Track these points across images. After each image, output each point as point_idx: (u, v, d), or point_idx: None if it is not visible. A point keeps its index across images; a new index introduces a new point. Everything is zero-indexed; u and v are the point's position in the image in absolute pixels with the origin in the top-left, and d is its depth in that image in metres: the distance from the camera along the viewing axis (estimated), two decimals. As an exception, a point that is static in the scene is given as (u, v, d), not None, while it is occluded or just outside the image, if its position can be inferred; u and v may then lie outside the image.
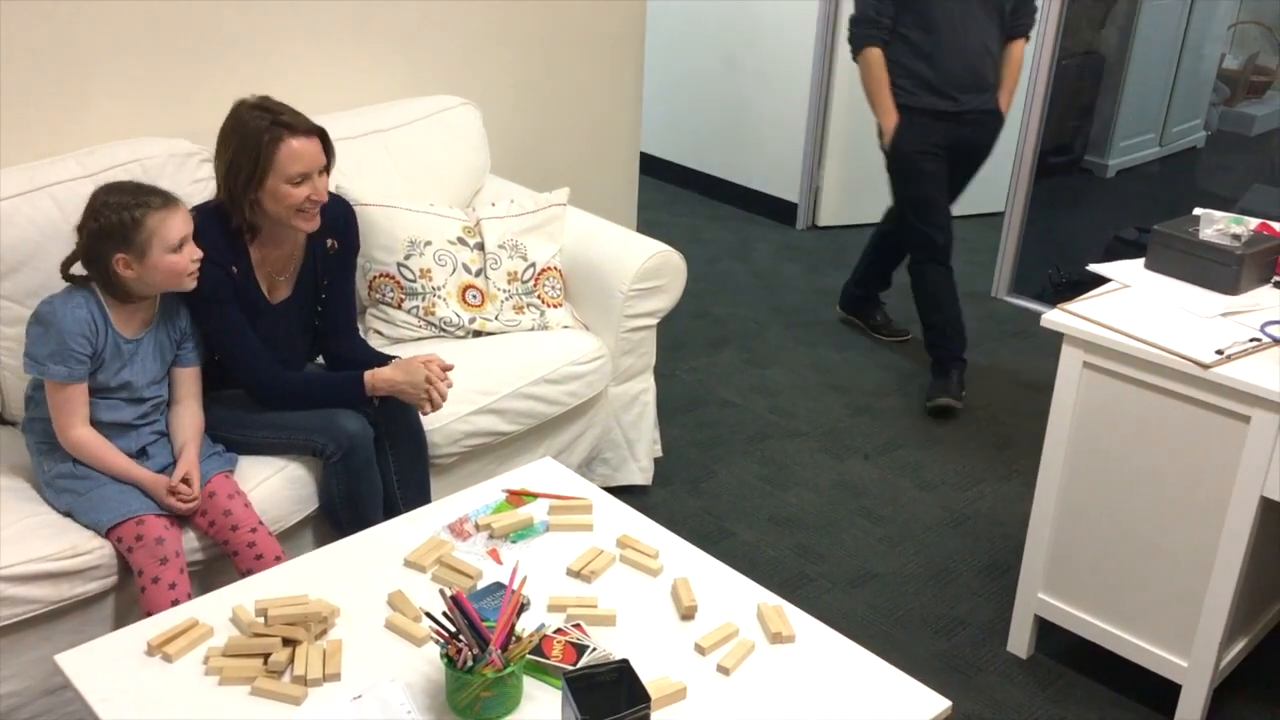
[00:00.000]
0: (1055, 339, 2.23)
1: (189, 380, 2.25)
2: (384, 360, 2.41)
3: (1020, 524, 2.90)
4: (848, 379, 3.66)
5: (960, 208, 4.92)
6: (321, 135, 2.22)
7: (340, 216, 2.40)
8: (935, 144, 3.43)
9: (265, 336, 2.31)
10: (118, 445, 2.13)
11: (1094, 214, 5.18)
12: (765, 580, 2.66)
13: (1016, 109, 4.18)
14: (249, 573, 2.10)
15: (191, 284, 2.13)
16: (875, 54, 3.39)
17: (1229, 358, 2.06)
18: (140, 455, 2.17)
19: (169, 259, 2.06)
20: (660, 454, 3.09)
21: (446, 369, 2.35)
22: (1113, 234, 4.30)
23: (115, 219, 2.02)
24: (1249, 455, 2.03)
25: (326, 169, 2.24)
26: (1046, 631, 2.46)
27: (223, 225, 2.23)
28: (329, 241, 2.38)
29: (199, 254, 2.12)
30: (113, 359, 2.11)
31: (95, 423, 2.11)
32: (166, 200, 2.08)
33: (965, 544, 2.88)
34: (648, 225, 4.25)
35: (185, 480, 2.11)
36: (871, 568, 2.77)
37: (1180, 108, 5.58)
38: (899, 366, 3.74)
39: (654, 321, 2.89)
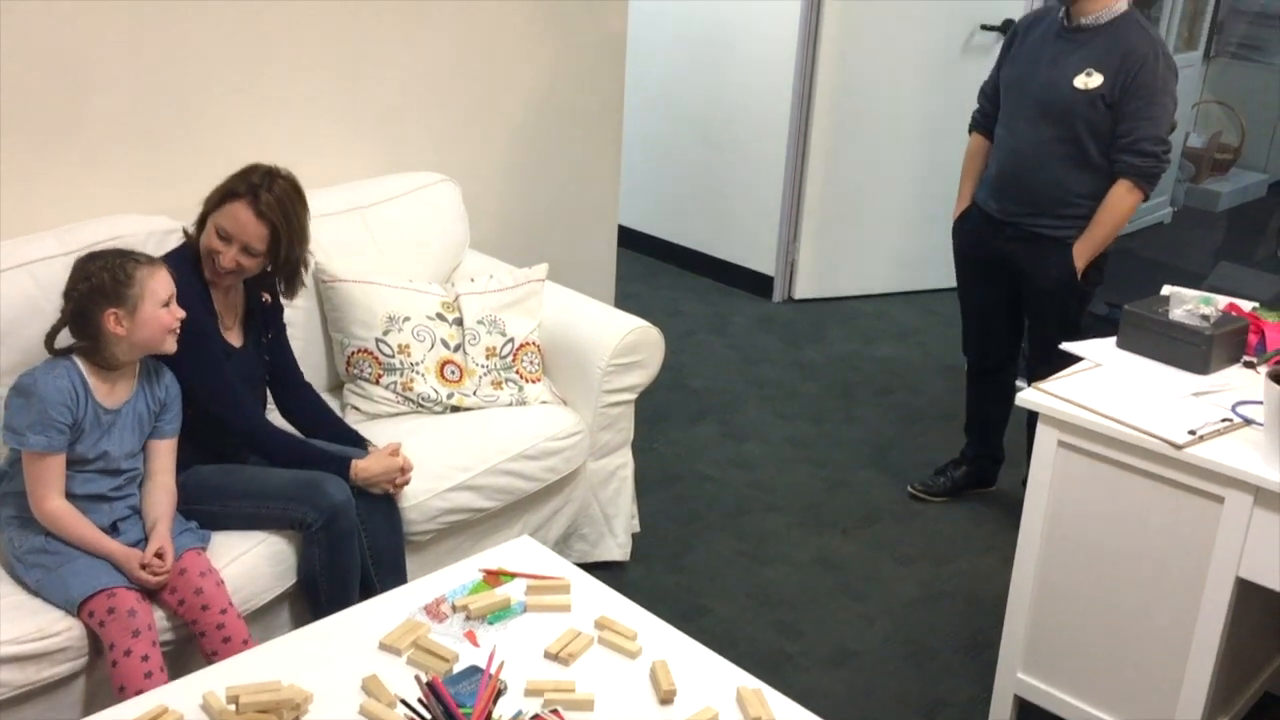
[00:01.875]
0: (1025, 415, 2.25)
1: (164, 453, 2.24)
2: (336, 421, 2.53)
3: (999, 600, 2.88)
4: (824, 453, 3.67)
5: (936, 280, 5.00)
6: (275, 230, 2.28)
7: (261, 272, 2.43)
8: (981, 246, 3.14)
9: (240, 380, 2.36)
10: (91, 519, 2.10)
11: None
12: (744, 659, 2.64)
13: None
14: (215, 655, 2.07)
15: (172, 346, 2.15)
16: (971, 140, 3.22)
17: (1201, 438, 2.08)
18: (111, 530, 2.15)
19: (159, 314, 2.10)
20: (638, 529, 3.08)
21: (409, 469, 2.44)
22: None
23: (107, 276, 2.07)
24: (1223, 535, 2.04)
25: (259, 256, 2.29)
26: (1027, 711, 2.45)
27: (194, 267, 2.30)
28: (264, 295, 2.45)
29: (182, 314, 2.15)
30: (92, 429, 2.10)
31: (70, 496, 2.10)
32: (151, 259, 2.16)
33: (944, 621, 2.87)
34: (626, 298, 4.29)
35: (158, 555, 2.08)
36: (851, 645, 2.76)
37: (1147, 184, 5.69)
38: (875, 441, 3.76)
39: (632, 396, 2.90)
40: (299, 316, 2.71)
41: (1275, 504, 1.98)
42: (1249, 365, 2.40)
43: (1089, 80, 2.84)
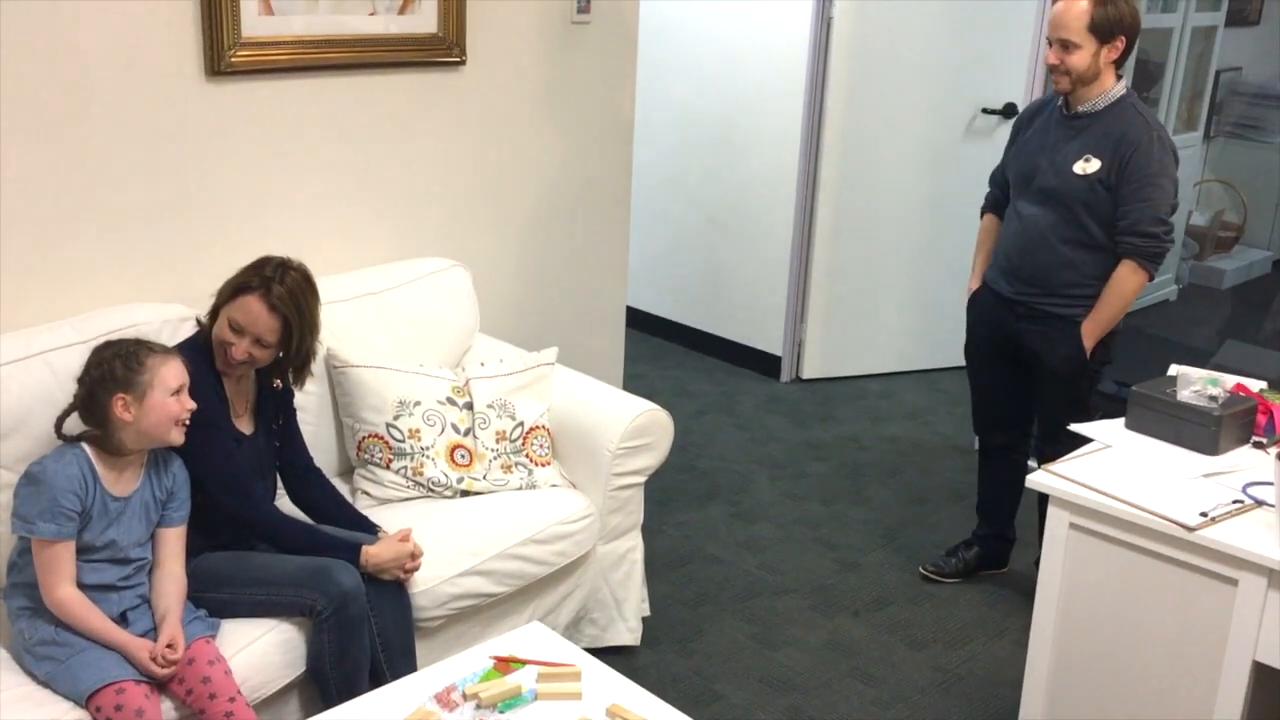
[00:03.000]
0: (1036, 495, 2.25)
1: (173, 540, 2.24)
2: (346, 507, 2.54)
3: (1013, 686, 2.85)
4: (835, 534, 3.65)
5: (944, 359, 5.02)
6: (288, 324, 2.31)
7: (281, 363, 2.46)
8: (992, 324, 3.16)
9: (249, 468, 2.37)
10: (100, 609, 2.10)
11: (1073, 366, 5.27)
12: (757, 747, 2.61)
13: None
14: None
15: (179, 438, 2.16)
16: (984, 220, 3.28)
17: (1213, 520, 2.08)
18: (121, 620, 2.14)
19: (166, 403, 2.12)
20: (648, 612, 3.06)
21: (419, 555, 2.45)
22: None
23: (119, 363, 2.11)
24: (1238, 619, 2.03)
25: (271, 348, 2.33)
26: (1045, 800, 2.41)
27: (206, 356, 2.33)
28: (274, 381, 2.47)
29: (192, 405, 2.17)
30: (100, 517, 2.11)
31: (79, 585, 2.09)
32: (166, 349, 2.20)
33: (959, 707, 2.83)
34: (633, 378, 4.31)
35: (169, 646, 2.08)
36: (864, 732, 2.72)
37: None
38: (885, 522, 3.74)
39: (642, 479, 2.90)
40: (310, 401, 2.73)
41: (1290, 586, 1.97)
42: (1258, 445, 2.40)
43: (1087, 166, 2.89)
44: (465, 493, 2.76)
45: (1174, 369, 2.64)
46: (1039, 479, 2.26)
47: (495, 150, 3.35)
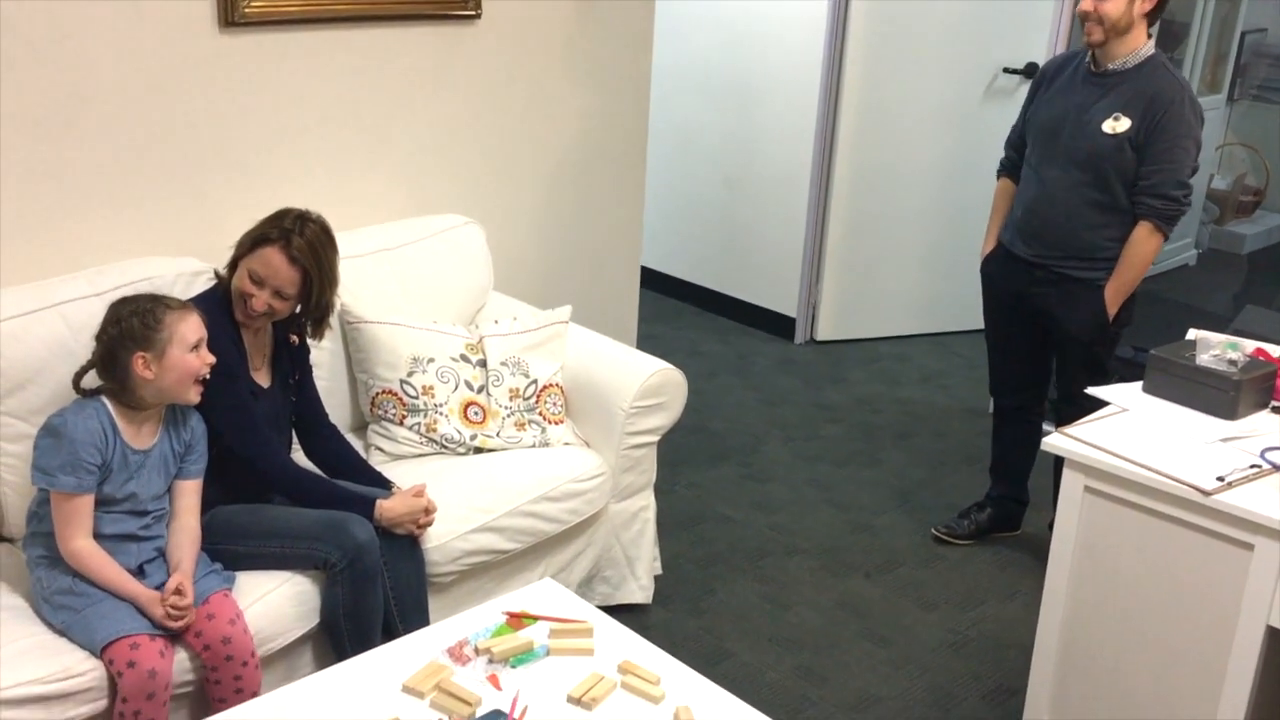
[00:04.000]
0: (1051, 458, 2.23)
1: (190, 493, 2.25)
2: (360, 463, 2.55)
3: (1024, 648, 2.86)
4: (847, 496, 3.65)
5: (959, 322, 5.00)
6: (306, 273, 2.31)
7: (289, 315, 2.44)
8: (1009, 286, 3.14)
9: (267, 420, 2.37)
10: (119, 560, 2.11)
11: (1089, 330, 5.23)
12: (766, 704, 2.62)
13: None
14: (223, 703, 2.07)
15: (196, 398, 2.16)
16: (999, 184, 3.24)
17: (1230, 484, 2.06)
18: (138, 573, 2.15)
19: (186, 359, 2.11)
20: (660, 571, 3.07)
21: (433, 510, 2.45)
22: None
23: (137, 321, 2.10)
24: (1253, 584, 2.02)
25: (290, 300, 2.33)
26: (1054, 760, 2.42)
27: (225, 308, 2.33)
28: (292, 336, 2.46)
29: (211, 360, 2.17)
30: (120, 470, 2.12)
31: (99, 536, 2.11)
32: (183, 304, 2.18)
33: (969, 667, 2.84)
34: (647, 338, 4.30)
35: (178, 591, 2.08)
36: (875, 691, 2.73)
37: (1172, 227, 5.67)
38: (897, 485, 3.74)
39: (655, 439, 2.90)
40: (324, 357, 2.73)
41: (1306, 552, 1.96)
42: (1277, 410, 2.38)
43: (1117, 125, 2.85)
44: (478, 450, 2.76)
45: (1192, 333, 2.62)
46: (1055, 442, 2.25)
47: (511, 106, 3.32)
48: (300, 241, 2.28)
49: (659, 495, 3.03)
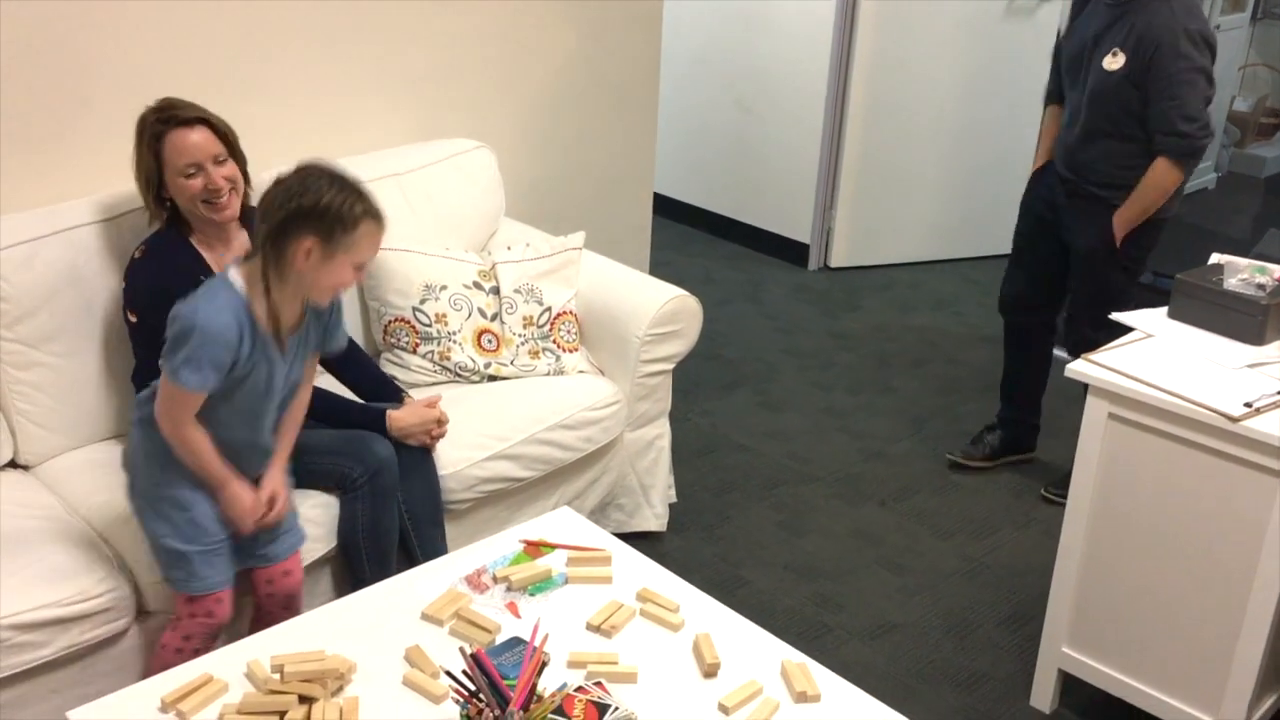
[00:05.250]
0: (1067, 385, 2.20)
1: (313, 362, 2.10)
2: (375, 369, 2.52)
3: (1040, 574, 2.86)
4: (861, 424, 3.63)
5: (974, 248, 4.93)
6: (211, 123, 2.18)
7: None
8: (1042, 196, 3.14)
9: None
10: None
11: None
12: (783, 631, 2.62)
13: (1028, 153, 4.17)
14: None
15: (326, 298, 1.97)
16: (1047, 112, 3.22)
17: (1258, 410, 2.03)
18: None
19: (346, 273, 1.88)
20: (675, 499, 3.06)
21: (445, 420, 2.42)
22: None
23: (335, 207, 1.81)
24: (1279, 512, 2.00)
25: (230, 158, 2.21)
26: (1070, 686, 2.42)
27: (169, 248, 2.21)
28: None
29: (363, 278, 2.05)
30: (245, 363, 1.91)
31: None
32: (381, 218, 1.90)
33: (985, 594, 2.84)
34: (659, 266, 4.25)
35: (270, 499, 2.03)
36: (891, 618, 2.73)
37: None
38: (912, 413, 3.71)
39: (670, 367, 2.87)
40: (335, 284, 2.69)
41: (1334, 479, 1.93)
42: (1305, 336, 2.34)
43: (1114, 62, 2.83)
44: (492, 378, 2.74)
45: (1216, 258, 2.56)
46: (1078, 368, 2.21)
47: (520, 29, 3.24)
48: (174, 111, 2.16)
49: (673, 423, 3.01)
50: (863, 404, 3.75)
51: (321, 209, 1.81)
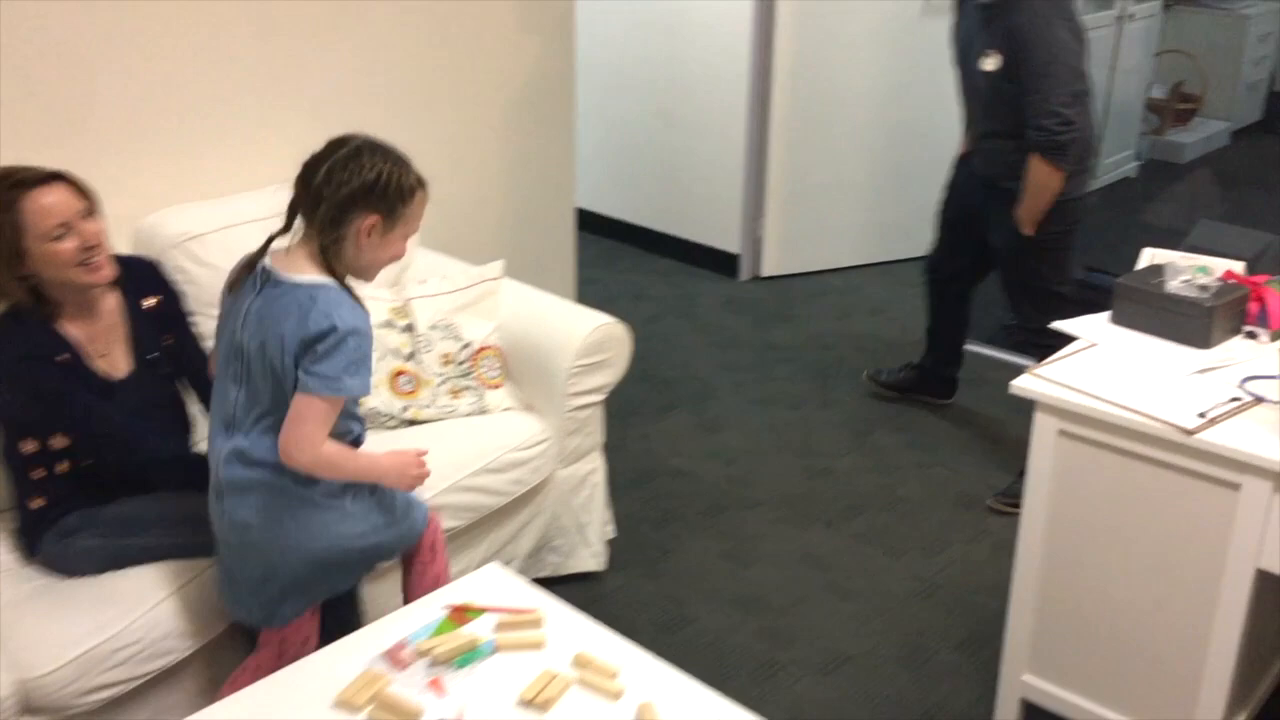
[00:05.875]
0: (1006, 393, 2.11)
1: None
2: None
3: (993, 592, 2.76)
4: (803, 439, 3.51)
5: (907, 249, 4.85)
6: (66, 178, 2.01)
7: (143, 273, 2.22)
8: (970, 183, 3.21)
9: (129, 414, 2.11)
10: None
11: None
12: (733, 671, 2.50)
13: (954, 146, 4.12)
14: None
15: (373, 279, 1.95)
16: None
17: (1212, 420, 1.94)
18: None
19: (401, 249, 1.90)
20: (613, 534, 2.92)
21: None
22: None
23: (395, 179, 1.82)
24: (1241, 525, 1.91)
25: (92, 214, 2.03)
26: (1034, 715, 2.31)
27: (23, 323, 2.02)
28: (143, 302, 2.19)
29: (404, 253, 1.93)
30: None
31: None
32: (427, 185, 1.92)
33: (939, 617, 2.73)
34: (588, 284, 4.11)
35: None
36: (844, 649, 2.61)
37: (1112, 139, 5.59)
38: (854, 426, 3.61)
39: (600, 397, 2.73)
40: (237, 331, 2.51)
41: (1296, 490, 1.84)
42: (1251, 335, 2.27)
43: (990, 63, 2.90)
44: (411, 422, 2.57)
45: (1147, 253, 2.49)
46: (1024, 384, 2.11)
47: (426, 49, 3.08)
48: (21, 175, 1.98)
49: (608, 451, 2.87)
50: (803, 419, 3.64)
51: (383, 184, 1.80)
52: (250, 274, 1.91)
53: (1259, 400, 2.01)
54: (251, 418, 1.89)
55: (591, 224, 5.04)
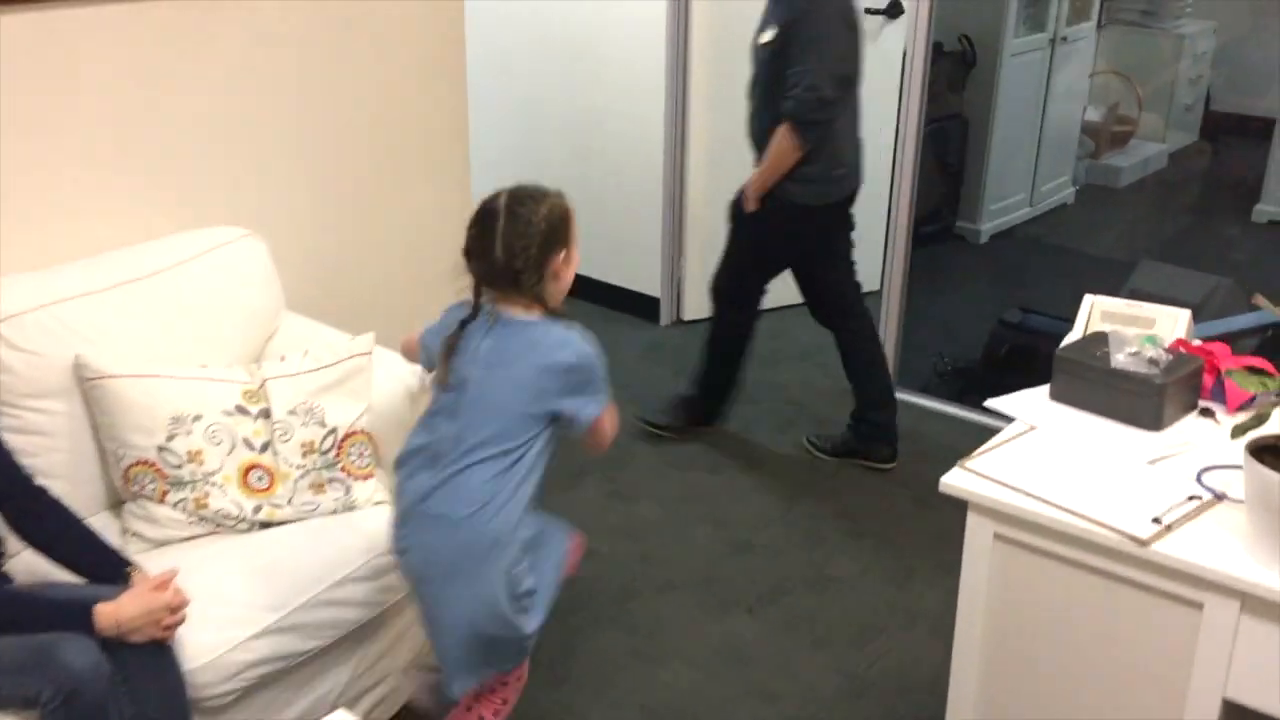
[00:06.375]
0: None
1: None
2: (87, 536, 1.96)
3: (931, 689, 2.49)
4: (724, 510, 3.23)
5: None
6: None
7: None
8: None
9: None
10: None
11: (972, 285, 4.90)
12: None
13: (883, 180, 3.94)
14: None
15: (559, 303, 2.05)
16: None
17: (1169, 528, 1.68)
18: None
19: (578, 254, 2.03)
20: (510, 632, 2.60)
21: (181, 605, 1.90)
22: (996, 315, 3.99)
23: (560, 211, 1.97)
24: (1205, 649, 1.65)
25: None
26: (976, 846, 2.04)
27: None
28: None
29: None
30: None
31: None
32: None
33: (871, 718, 2.45)
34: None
35: None
36: (764, 765, 2.33)
37: (1047, 165, 5.41)
38: (779, 491, 3.33)
39: (487, 485, 2.41)
40: (60, 423, 2.18)
41: (1266, 611, 1.59)
42: (1205, 414, 2.02)
43: (765, 35, 3.00)
44: (266, 524, 2.25)
45: (1089, 300, 2.24)
46: (954, 481, 1.83)
47: (290, 92, 2.76)
48: None
49: (502, 542, 2.55)
50: (724, 484, 3.35)
51: (554, 222, 1.94)
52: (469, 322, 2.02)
53: (1219, 498, 1.75)
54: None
55: (504, 266, 4.74)
